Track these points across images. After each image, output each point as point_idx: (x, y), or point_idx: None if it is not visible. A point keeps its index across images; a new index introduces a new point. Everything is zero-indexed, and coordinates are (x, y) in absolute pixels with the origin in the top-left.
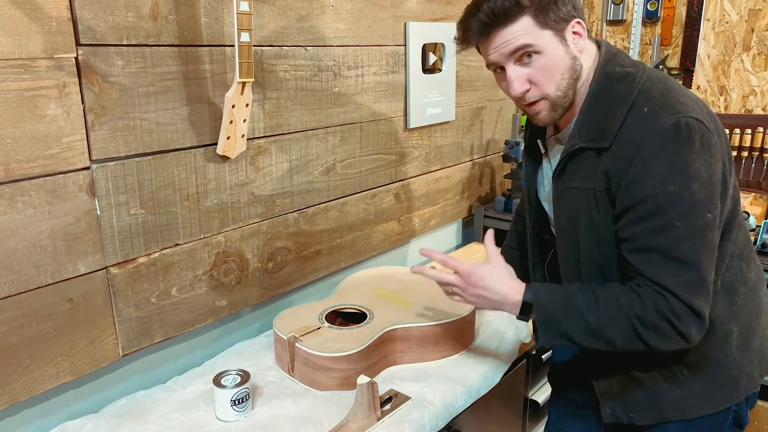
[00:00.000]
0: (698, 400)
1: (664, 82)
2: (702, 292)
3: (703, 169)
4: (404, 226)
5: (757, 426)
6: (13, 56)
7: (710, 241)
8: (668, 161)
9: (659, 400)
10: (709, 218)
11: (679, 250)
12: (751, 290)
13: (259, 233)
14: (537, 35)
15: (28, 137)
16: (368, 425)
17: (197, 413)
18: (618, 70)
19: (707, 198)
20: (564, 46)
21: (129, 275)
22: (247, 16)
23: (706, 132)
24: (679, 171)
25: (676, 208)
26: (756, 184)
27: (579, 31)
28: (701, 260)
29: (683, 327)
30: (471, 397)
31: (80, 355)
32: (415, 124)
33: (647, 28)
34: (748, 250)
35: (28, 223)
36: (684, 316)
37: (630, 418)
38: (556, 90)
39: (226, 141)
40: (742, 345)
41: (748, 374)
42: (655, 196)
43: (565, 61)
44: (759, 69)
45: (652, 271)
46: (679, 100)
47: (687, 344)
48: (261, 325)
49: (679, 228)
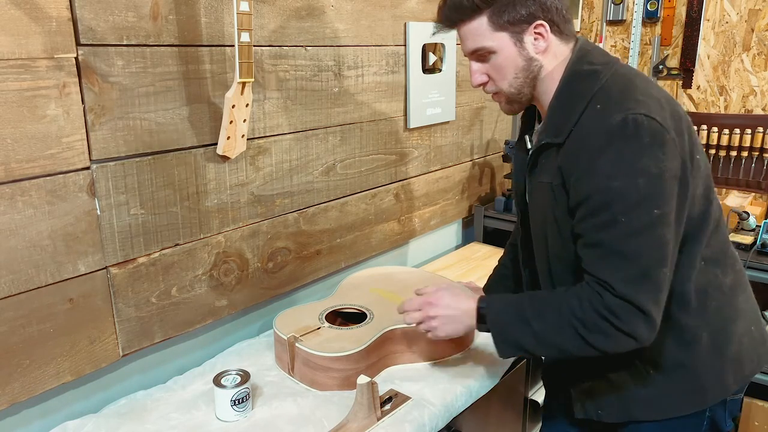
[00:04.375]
0: (665, 400)
1: (629, 80)
2: (646, 288)
3: (652, 165)
4: (404, 226)
5: (758, 426)
6: (13, 56)
7: (659, 237)
8: (613, 157)
9: (627, 398)
10: (657, 214)
11: (623, 245)
12: (726, 296)
13: (259, 233)
14: (492, 36)
15: (28, 137)
16: (368, 425)
17: (197, 413)
18: (585, 68)
19: (656, 193)
20: (519, 47)
21: (129, 275)
22: (247, 16)
23: (658, 129)
24: (624, 167)
25: (621, 203)
26: (756, 184)
27: (541, 33)
28: (646, 255)
29: (624, 325)
30: (471, 397)
31: (80, 355)
32: (415, 124)
33: (647, 28)
34: (725, 257)
35: (28, 223)
36: (622, 313)
37: (599, 414)
38: (510, 87)
39: (226, 141)
40: (714, 350)
41: (719, 380)
42: (600, 192)
43: (518, 62)
44: (759, 69)
45: (595, 266)
46: (635, 97)
47: (637, 343)
48: (261, 325)
49: (623, 223)
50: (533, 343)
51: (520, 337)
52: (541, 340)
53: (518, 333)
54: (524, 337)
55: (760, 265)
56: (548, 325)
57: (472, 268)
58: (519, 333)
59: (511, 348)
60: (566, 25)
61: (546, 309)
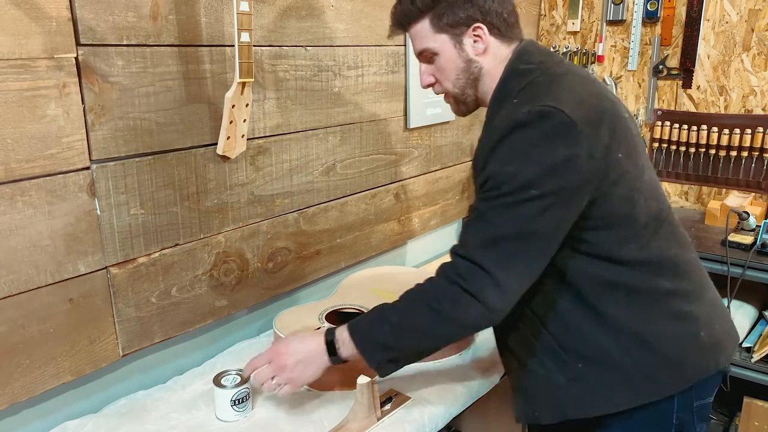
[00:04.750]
0: (597, 396)
1: (557, 77)
2: (497, 253)
3: (547, 154)
4: (404, 226)
5: (758, 426)
6: (13, 56)
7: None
8: (510, 145)
9: (558, 394)
10: (534, 194)
11: (489, 213)
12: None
13: (259, 233)
14: (434, 38)
15: (28, 137)
16: (368, 425)
17: (197, 413)
18: (521, 67)
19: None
20: (458, 49)
21: (129, 275)
22: (247, 16)
23: (564, 120)
24: (518, 153)
25: (508, 184)
26: (756, 184)
27: (480, 35)
28: (506, 225)
29: (470, 285)
30: (471, 397)
31: (80, 355)
32: (415, 124)
33: (647, 28)
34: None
35: (28, 223)
36: (468, 274)
37: (535, 416)
38: (453, 87)
39: (226, 141)
40: (644, 346)
41: (650, 378)
42: (495, 176)
43: (459, 64)
44: (759, 69)
45: (463, 231)
46: (553, 92)
47: (486, 309)
48: (261, 325)
49: (499, 199)
50: (394, 337)
51: (382, 335)
52: (400, 329)
53: (378, 332)
54: (385, 333)
55: (760, 265)
56: (404, 311)
57: None
58: (379, 331)
59: (378, 350)
60: (508, 27)
61: (402, 299)
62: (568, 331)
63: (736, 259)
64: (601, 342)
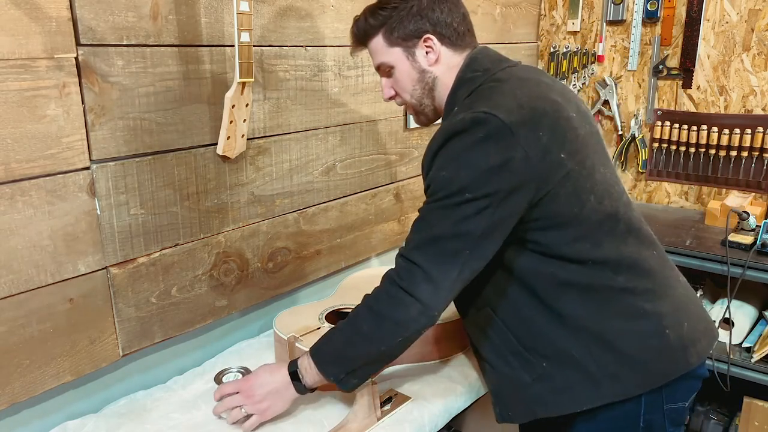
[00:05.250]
0: (562, 395)
1: (499, 84)
2: (432, 252)
3: (480, 158)
4: (404, 226)
5: (758, 426)
6: (13, 56)
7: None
8: (447, 151)
9: (527, 394)
10: (468, 197)
11: (426, 215)
12: (618, 294)
13: (259, 233)
14: (387, 52)
15: (28, 137)
16: (368, 425)
17: (197, 413)
18: (468, 76)
19: (475, 184)
20: (411, 61)
21: (129, 275)
22: (247, 16)
23: (496, 124)
24: (453, 158)
25: (444, 188)
26: (756, 184)
27: (431, 45)
28: (440, 226)
29: (405, 283)
30: (471, 397)
31: (80, 355)
32: (415, 124)
33: (647, 28)
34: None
35: (28, 223)
36: (405, 273)
37: (509, 416)
38: (411, 98)
39: (226, 141)
40: (604, 344)
41: (612, 377)
42: (433, 181)
43: (413, 74)
44: (759, 69)
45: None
46: (490, 99)
47: (421, 306)
48: (261, 325)
49: (437, 202)
50: (344, 346)
51: (334, 347)
52: (348, 338)
53: (332, 344)
54: (336, 344)
55: (760, 265)
56: (351, 319)
57: None
58: (332, 344)
59: (333, 364)
60: (458, 36)
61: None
62: (529, 331)
63: (736, 259)
64: (562, 341)
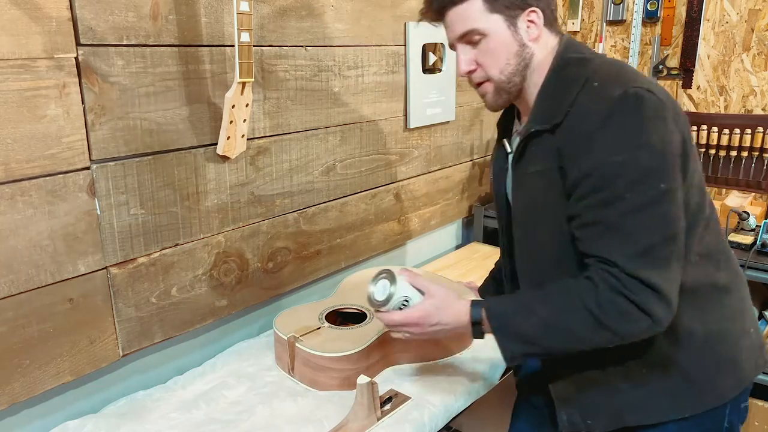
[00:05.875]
0: (659, 403)
1: (621, 66)
2: (652, 265)
3: (656, 139)
4: (404, 226)
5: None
6: (13, 56)
7: (665, 213)
8: (615, 131)
9: (618, 401)
10: (663, 188)
11: (626, 222)
12: (720, 293)
13: (259, 233)
14: (485, 19)
15: (28, 137)
16: (368, 425)
17: (197, 413)
18: (574, 56)
19: (660, 167)
20: (512, 32)
21: (129, 275)
22: (247, 16)
23: (658, 102)
24: (626, 140)
25: (624, 178)
26: (756, 184)
27: (534, 20)
28: (648, 232)
29: (641, 301)
30: (471, 397)
31: (80, 355)
32: (415, 124)
33: (647, 28)
34: (718, 253)
35: (28, 223)
36: (635, 289)
37: (588, 425)
38: (500, 74)
39: (226, 141)
40: (708, 349)
41: (715, 382)
42: (602, 167)
43: (512, 47)
44: (759, 69)
45: (597, 245)
46: (631, 76)
47: (654, 324)
48: (261, 325)
49: (627, 199)
50: (540, 333)
51: (524, 327)
52: (549, 325)
53: (520, 323)
54: (528, 326)
55: (760, 265)
56: (557, 308)
57: (472, 268)
58: (521, 323)
59: (517, 343)
60: (554, 19)
61: (552, 294)
62: None
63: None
64: (664, 345)
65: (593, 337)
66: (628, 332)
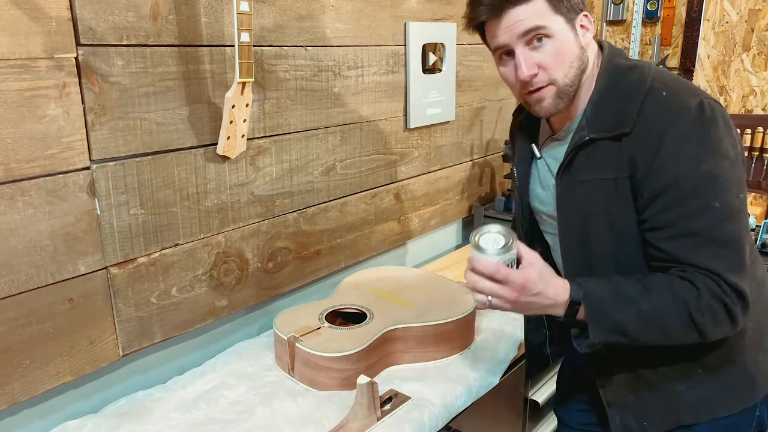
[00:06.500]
0: (716, 400)
1: (671, 74)
2: (744, 271)
3: (730, 149)
4: (404, 226)
5: None
6: (13, 56)
7: (746, 222)
8: (699, 140)
9: (676, 402)
10: (742, 198)
11: (721, 231)
12: (759, 287)
13: (259, 233)
14: (550, 19)
15: (28, 137)
16: (368, 425)
17: (197, 413)
18: (625, 63)
19: (738, 177)
20: (574, 34)
21: (129, 275)
22: (247, 16)
23: (726, 115)
24: (711, 150)
25: (712, 187)
26: (756, 184)
27: (586, 25)
28: (741, 240)
29: (735, 308)
30: (471, 397)
31: (80, 355)
32: (415, 124)
33: (647, 28)
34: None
35: (28, 223)
36: (734, 298)
37: (643, 427)
38: (564, 77)
39: (226, 141)
40: (757, 343)
41: (764, 373)
42: (690, 176)
43: (575, 50)
44: (759, 69)
45: (696, 255)
46: (692, 86)
47: (733, 328)
48: (261, 325)
49: (717, 208)
50: (636, 324)
51: (621, 317)
52: (647, 320)
53: (619, 313)
54: (626, 317)
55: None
56: (660, 305)
57: None
58: (620, 313)
59: (609, 331)
60: None
61: (655, 290)
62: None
63: None
64: (720, 344)
65: (680, 335)
66: (713, 334)
